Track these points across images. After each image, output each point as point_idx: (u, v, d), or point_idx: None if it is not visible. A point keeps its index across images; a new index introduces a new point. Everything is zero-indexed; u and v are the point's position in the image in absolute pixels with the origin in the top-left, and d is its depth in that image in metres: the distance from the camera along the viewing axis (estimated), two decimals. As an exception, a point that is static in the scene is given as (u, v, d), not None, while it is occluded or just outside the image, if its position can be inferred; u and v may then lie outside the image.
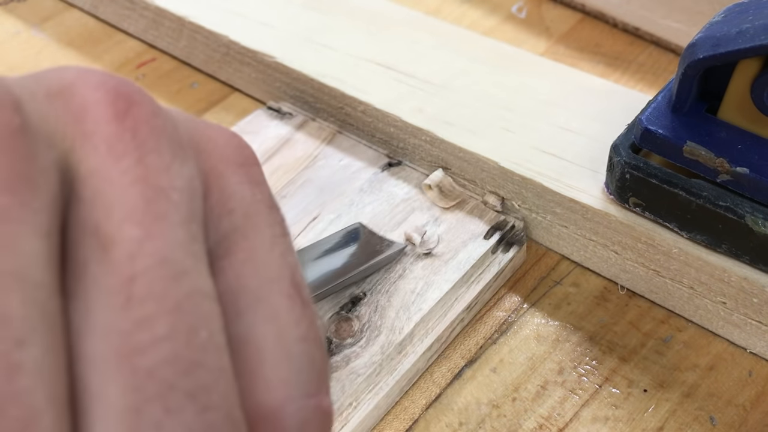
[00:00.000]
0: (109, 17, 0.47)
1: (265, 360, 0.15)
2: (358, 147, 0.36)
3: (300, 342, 0.15)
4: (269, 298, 0.15)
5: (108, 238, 0.13)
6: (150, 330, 0.13)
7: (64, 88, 0.14)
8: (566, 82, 0.35)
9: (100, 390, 0.13)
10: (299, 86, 0.37)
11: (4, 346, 0.11)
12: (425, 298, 0.29)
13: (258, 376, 0.15)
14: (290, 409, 0.15)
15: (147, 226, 0.13)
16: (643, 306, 0.30)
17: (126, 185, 0.14)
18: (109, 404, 0.12)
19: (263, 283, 0.15)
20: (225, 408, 0.14)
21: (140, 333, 0.13)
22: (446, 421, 0.27)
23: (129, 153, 0.14)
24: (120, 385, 0.12)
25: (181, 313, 0.13)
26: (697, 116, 0.27)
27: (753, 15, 0.24)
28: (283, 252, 0.16)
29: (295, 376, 0.15)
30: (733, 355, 0.29)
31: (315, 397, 0.15)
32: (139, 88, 0.15)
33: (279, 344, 0.15)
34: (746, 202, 0.26)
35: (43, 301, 0.12)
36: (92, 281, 0.13)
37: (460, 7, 0.47)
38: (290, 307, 0.16)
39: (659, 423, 0.27)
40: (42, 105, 0.14)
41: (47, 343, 0.12)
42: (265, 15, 0.40)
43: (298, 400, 0.15)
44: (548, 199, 0.31)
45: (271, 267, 0.16)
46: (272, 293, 0.16)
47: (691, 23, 0.40)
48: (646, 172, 0.27)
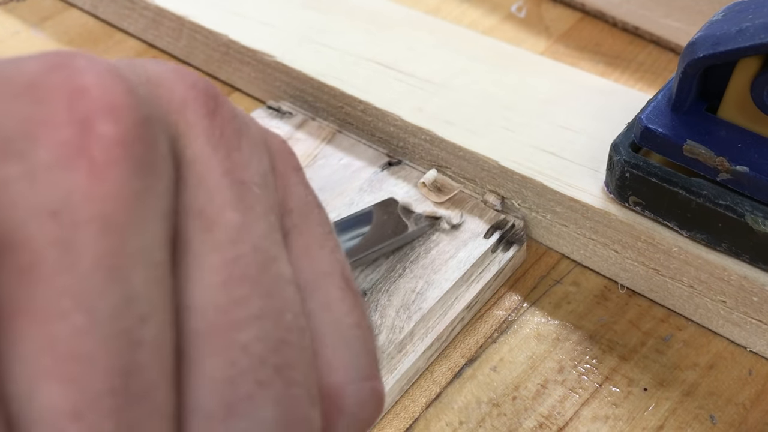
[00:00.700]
0: (109, 17, 0.47)
1: (326, 344, 0.16)
2: (358, 146, 0.36)
3: (354, 328, 0.17)
4: (324, 289, 0.17)
5: (211, 220, 0.14)
6: (246, 308, 0.14)
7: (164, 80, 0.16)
8: (566, 82, 0.35)
9: (199, 361, 0.14)
10: (299, 85, 0.37)
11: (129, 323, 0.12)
12: (425, 297, 0.29)
13: (321, 359, 0.16)
14: (350, 389, 0.16)
15: (243, 213, 0.15)
16: (643, 305, 0.30)
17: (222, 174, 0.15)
18: (207, 375, 0.14)
19: (318, 276, 0.17)
20: (306, 384, 0.15)
21: (237, 311, 0.14)
22: (446, 420, 0.27)
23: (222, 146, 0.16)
24: (217, 358, 0.14)
25: (271, 295, 0.15)
26: (697, 115, 0.27)
27: (753, 14, 0.24)
28: (332, 248, 0.18)
29: (354, 360, 0.16)
30: (733, 354, 0.29)
31: (371, 380, 0.17)
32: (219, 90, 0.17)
33: (336, 331, 0.16)
34: (746, 200, 0.26)
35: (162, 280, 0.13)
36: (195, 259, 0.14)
37: (459, 7, 0.47)
38: (343, 298, 0.17)
39: (659, 422, 0.27)
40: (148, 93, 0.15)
41: (163, 320, 0.13)
42: (264, 14, 0.40)
43: (357, 382, 0.16)
44: (548, 198, 0.31)
45: (324, 262, 0.17)
46: (327, 285, 0.17)
47: (691, 22, 0.40)
48: (646, 171, 0.27)
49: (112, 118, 0.13)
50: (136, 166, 0.13)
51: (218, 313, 0.14)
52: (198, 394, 0.13)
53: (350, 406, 0.16)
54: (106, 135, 0.13)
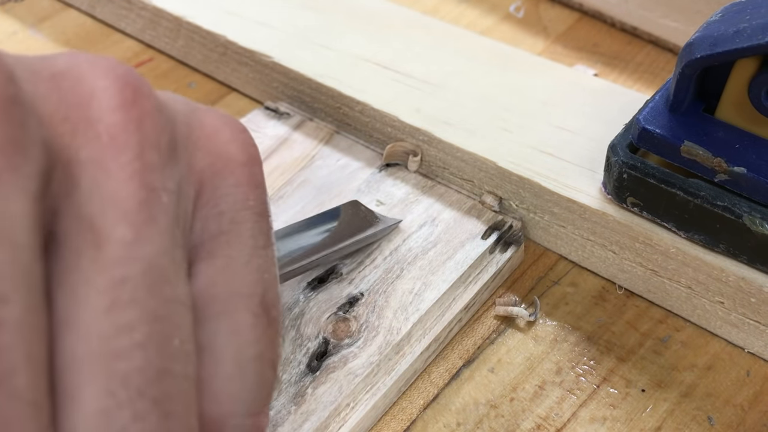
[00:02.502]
0: (107, 17, 0.47)
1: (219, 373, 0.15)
2: (356, 147, 0.36)
3: (255, 361, 0.16)
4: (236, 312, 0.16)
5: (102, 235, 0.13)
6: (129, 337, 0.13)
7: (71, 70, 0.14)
8: (564, 82, 0.35)
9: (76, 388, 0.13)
10: (297, 86, 0.37)
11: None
12: (423, 299, 0.29)
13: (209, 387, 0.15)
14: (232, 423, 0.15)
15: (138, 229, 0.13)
16: (641, 306, 0.30)
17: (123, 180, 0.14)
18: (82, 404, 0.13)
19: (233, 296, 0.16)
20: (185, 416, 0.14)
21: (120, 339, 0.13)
22: (444, 422, 0.27)
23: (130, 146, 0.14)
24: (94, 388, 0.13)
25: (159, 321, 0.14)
26: (695, 116, 0.27)
27: (750, 14, 0.24)
28: (260, 266, 0.16)
29: (244, 394, 0.15)
30: (731, 355, 0.29)
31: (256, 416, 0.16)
32: (145, 80, 0.15)
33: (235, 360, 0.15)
34: (744, 201, 0.26)
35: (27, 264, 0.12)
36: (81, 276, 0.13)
37: (457, 7, 0.47)
38: (254, 325, 0.16)
39: (657, 423, 0.27)
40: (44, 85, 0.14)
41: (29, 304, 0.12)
42: (262, 15, 0.40)
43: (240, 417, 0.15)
44: (546, 199, 0.31)
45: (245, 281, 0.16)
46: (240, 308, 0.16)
47: (689, 23, 0.40)
48: (643, 172, 0.27)
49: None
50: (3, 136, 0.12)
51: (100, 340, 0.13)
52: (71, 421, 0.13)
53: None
54: None
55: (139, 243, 0.14)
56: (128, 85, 0.14)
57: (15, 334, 0.12)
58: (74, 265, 0.13)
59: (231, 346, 0.15)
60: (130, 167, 0.14)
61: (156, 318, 0.14)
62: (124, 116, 0.14)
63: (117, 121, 0.14)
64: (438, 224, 0.32)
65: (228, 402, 0.15)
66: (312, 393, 0.26)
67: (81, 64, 0.15)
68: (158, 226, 0.14)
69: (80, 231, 0.13)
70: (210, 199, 0.16)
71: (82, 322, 0.13)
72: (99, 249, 0.13)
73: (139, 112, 0.14)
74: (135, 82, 0.15)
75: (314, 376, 0.27)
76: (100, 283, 0.13)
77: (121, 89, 0.14)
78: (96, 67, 0.14)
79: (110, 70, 0.14)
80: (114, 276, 0.13)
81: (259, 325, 0.16)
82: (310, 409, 0.26)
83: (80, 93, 0.14)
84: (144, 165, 0.14)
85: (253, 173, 0.17)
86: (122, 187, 0.14)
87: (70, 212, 0.13)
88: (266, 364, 0.16)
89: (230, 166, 0.16)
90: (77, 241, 0.13)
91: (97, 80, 0.14)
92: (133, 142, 0.14)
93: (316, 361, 0.27)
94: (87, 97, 0.14)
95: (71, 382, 0.13)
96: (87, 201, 0.13)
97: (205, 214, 0.16)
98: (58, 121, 0.14)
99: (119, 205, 0.13)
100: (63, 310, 0.13)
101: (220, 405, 0.15)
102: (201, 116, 0.17)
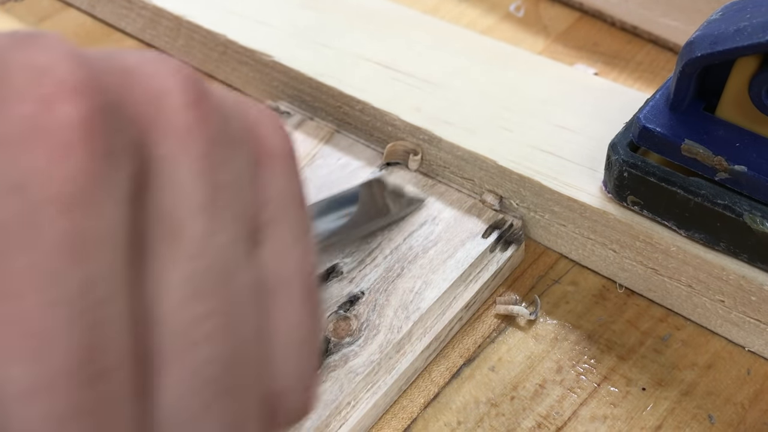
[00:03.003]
0: (107, 17, 0.47)
1: (278, 352, 0.16)
2: (357, 146, 0.36)
3: (306, 338, 0.17)
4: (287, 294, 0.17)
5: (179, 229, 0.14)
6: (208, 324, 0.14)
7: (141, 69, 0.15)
8: (564, 81, 0.35)
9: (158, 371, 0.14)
10: (297, 85, 0.37)
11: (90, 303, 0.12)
12: (423, 297, 0.29)
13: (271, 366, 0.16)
14: (293, 397, 0.17)
15: (211, 221, 0.14)
16: (641, 304, 0.30)
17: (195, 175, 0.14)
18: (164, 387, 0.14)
19: (283, 280, 0.17)
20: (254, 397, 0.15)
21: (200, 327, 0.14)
22: (445, 420, 0.27)
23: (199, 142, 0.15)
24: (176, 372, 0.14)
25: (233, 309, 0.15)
26: (695, 114, 0.27)
27: (751, 13, 0.24)
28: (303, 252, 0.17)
29: (301, 369, 0.17)
30: (732, 354, 0.29)
31: (311, 388, 0.17)
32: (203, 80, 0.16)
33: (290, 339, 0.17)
34: (744, 200, 0.26)
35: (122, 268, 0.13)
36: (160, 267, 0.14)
37: (458, 6, 0.47)
38: (302, 305, 0.17)
39: (658, 421, 0.27)
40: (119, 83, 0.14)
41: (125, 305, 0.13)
42: (262, 14, 0.40)
43: (300, 391, 0.17)
44: (546, 198, 0.31)
45: (292, 266, 0.17)
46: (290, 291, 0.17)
47: (689, 21, 0.40)
48: (644, 171, 0.27)
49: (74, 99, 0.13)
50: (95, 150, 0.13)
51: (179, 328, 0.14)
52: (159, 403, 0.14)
53: (291, 411, 0.17)
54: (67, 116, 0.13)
55: (211, 235, 0.14)
56: (194, 84, 0.15)
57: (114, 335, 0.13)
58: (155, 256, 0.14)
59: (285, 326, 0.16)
60: (200, 163, 0.15)
61: (230, 306, 0.15)
62: (193, 114, 0.15)
63: (188, 119, 0.15)
64: (438, 223, 0.32)
65: (289, 377, 0.16)
66: (313, 391, 0.26)
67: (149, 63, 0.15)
68: (224, 219, 0.15)
69: (160, 224, 0.14)
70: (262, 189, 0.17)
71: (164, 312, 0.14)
72: (176, 240, 0.14)
73: (206, 110, 0.15)
74: (199, 81, 0.15)
75: (315, 374, 0.27)
76: (179, 274, 0.14)
77: (189, 88, 0.15)
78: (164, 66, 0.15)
79: (177, 70, 0.15)
80: (191, 269, 0.14)
81: (307, 306, 0.17)
82: (311, 407, 0.26)
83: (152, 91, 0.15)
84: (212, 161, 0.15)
85: (293, 164, 0.18)
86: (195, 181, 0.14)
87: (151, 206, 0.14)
88: (313, 342, 0.17)
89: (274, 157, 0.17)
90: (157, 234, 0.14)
91: (167, 78, 0.15)
92: (202, 139, 0.15)
93: (317, 359, 0.27)
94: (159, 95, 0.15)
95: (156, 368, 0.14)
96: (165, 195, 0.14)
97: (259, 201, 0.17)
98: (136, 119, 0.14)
99: (193, 200, 0.14)
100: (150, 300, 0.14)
101: (281, 382, 0.16)
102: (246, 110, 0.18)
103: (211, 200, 0.15)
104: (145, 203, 0.14)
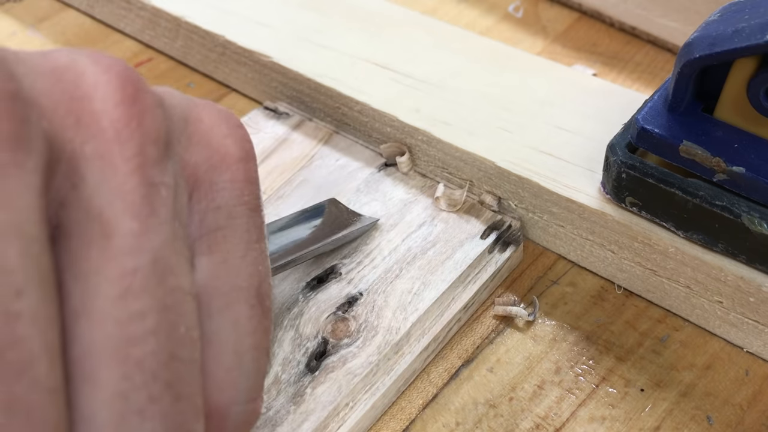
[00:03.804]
0: (106, 17, 0.47)
1: (221, 363, 0.16)
2: (355, 147, 0.36)
3: (253, 350, 0.17)
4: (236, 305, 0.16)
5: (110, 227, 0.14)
6: (143, 323, 0.14)
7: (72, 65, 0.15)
8: (563, 82, 0.35)
9: (94, 373, 0.13)
10: (296, 86, 0.37)
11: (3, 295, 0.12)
12: (422, 298, 0.29)
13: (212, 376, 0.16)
14: (235, 410, 0.16)
15: (143, 221, 0.14)
16: (640, 305, 0.30)
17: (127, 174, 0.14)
18: (100, 387, 0.13)
19: (232, 290, 0.16)
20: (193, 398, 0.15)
21: (134, 325, 0.14)
22: (443, 421, 0.27)
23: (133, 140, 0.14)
24: (112, 371, 0.13)
25: (167, 309, 0.14)
26: (694, 115, 0.27)
27: (749, 14, 0.24)
28: (255, 259, 0.17)
29: (244, 381, 0.16)
30: (730, 355, 0.29)
31: (254, 401, 0.17)
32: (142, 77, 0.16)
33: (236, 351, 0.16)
34: (743, 201, 0.26)
35: (38, 255, 0.13)
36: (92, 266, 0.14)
37: (456, 7, 0.47)
38: (251, 317, 0.17)
39: (656, 422, 0.27)
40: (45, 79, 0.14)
41: (42, 295, 0.13)
42: (261, 15, 0.40)
43: (242, 404, 0.16)
44: (545, 199, 0.31)
45: (242, 274, 0.17)
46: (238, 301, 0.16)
47: (688, 22, 0.40)
48: (642, 172, 0.27)
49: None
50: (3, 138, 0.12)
51: (115, 326, 0.14)
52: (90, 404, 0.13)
53: (232, 425, 0.16)
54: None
55: (145, 234, 0.14)
56: (129, 81, 0.15)
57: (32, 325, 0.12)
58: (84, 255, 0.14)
59: (231, 338, 0.16)
60: (133, 162, 0.14)
61: (165, 306, 0.14)
62: (126, 111, 0.14)
63: (120, 116, 0.14)
64: (437, 224, 0.32)
65: (230, 390, 0.16)
66: (311, 393, 0.26)
67: (81, 60, 0.15)
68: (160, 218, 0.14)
69: (89, 223, 0.14)
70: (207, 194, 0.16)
71: (96, 310, 0.14)
72: (108, 240, 0.14)
73: (141, 107, 0.15)
74: (134, 78, 0.15)
75: (313, 376, 0.27)
76: (111, 273, 0.14)
77: (123, 85, 0.15)
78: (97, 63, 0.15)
79: (110, 67, 0.15)
80: (125, 266, 0.14)
81: (255, 317, 0.17)
82: (309, 408, 0.26)
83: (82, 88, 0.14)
84: (145, 160, 0.14)
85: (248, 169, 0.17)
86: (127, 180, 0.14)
87: (78, 205, 0.14)
88: (262, 352, 0.17)
89: (226, 161, 0.17)
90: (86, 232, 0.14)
91: (98, 75, 0.15)
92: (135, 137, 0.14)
93: (315, 360, 0.27)
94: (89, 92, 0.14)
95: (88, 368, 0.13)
96: (94, 194, 0.14)
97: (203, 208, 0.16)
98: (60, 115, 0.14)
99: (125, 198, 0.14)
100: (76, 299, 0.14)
101: (223, 393, 0.16)
102: (199, 111, 0.17)
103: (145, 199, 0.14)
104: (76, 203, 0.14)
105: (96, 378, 0.13)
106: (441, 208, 0.32)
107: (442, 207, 0.32)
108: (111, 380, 0.13)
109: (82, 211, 0.14)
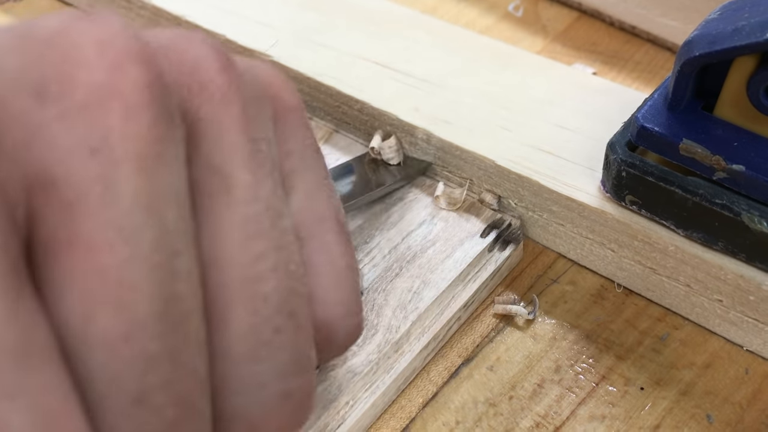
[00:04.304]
0: (106, 16, 0.47)
1: (322, 285, 0.18)
2: (355, 146, 0.36)
3: (346, 270, 0.18)
4: (322, 233, 0.18)
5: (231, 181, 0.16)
6: (264, 263, 0.16)
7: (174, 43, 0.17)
8: (563, 81, 0.35)
9: (226, 311, 0.15)
10: (296, 85, 0.37)
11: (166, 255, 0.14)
12: (422, 297, 0.29)
13: (317, 298, 0.18)
14: (341, 324, 0.18)
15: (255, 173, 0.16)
16: (639, 304, 0.30)
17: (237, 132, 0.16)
18: (233, 324, 0.15)
19: (316, 221, 0.18)
20: (308, 326, 0.17)
21: (258, 265, 0.15)
22: (443, 420, 0.27)
23: (235, 103, 0.16)
24: (243, 308, 0.15)
25: (281, 248, 0.16)
26: (694, 114, 0.27)
27: (749, 12, 0.24)
28: (329, 194, 0.19)
29: (345, 298, 0.18)
30: (730, 353, 0.29)
31: (357, 315, 0.19)
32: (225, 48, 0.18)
33: (332, 272, 0.18)
34: (742, 199, 0.26)
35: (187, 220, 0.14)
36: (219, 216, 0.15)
37: (456, 6, 0.47)
38: (338, 242, 0.18)
39: (656, 421, 0.27)
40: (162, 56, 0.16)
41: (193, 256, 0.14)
42: (261, 14, 0.40)
43: (346, 317, 0.18)
44: (545, 198, 0.31)
45: (321, 206, 0.19)
46: (324, 229, 0.18)
47: (688, 21, 0.40)
48: (642, 170, 0.27)
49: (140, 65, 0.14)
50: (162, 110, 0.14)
51: (242, 267, 0.15)
52: (226, 340, 0.15)
53: (340, 338, 0.18)
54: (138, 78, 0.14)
55: (258, 185, 0.16)
56: (221, 52, 0.17)
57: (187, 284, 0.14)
58: (210, 207, 0.15)
59: (327, 261, 0.18)
60: (239, 121, 0.16)
61: (279, 246, 0.16)
62: (227, 78, 0.16)
63: (223, 83, 0.16)
64: (437, 222, 0.32)
65: (336, 306, 0.18)
66: (311, 391, 0.26)
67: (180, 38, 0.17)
68: (266, 170, 0.16)
69: (212, 178, 0.15)
70: (282, 141, 0.18)
71: (225, 256, 0.15)
72: (229, 190, 0.15)
73: (235, 73, 0.17)
74: (224, 50, 0.17)
75: (313, 374, 0.27)
76: (236, 220, 0.15)
77: (218, 56, 0.17)
78: (192, 40, 0.17)
79: (204, 42, 0.17)
80: (247, 213, 0.16)
81: (342, 242, 0.19)
82: (309, 407, 0.26)
83: (188, 62, 0.16)
84: (247, 119, 0.16)
85: (304, 116, 0.20)
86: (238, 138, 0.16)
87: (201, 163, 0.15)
88: (354, 271, 0.19)
89: (289, 112, 0.19)
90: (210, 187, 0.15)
91: (198, 50, 0.16)
92: (237, 100, 0.16)
93: (315, 359, 0.27)
94: (194, 65, 0.16)
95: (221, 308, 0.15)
96: (213, 152, 0.16)
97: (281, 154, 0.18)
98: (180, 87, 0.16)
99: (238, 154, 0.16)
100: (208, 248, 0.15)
101: (328, 311, 0.18)
102: (257, 71, 0.19)
103: (253, 155, 0.16)
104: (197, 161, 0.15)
105: (229, 317, 0.15)
106: (441, 207, 0.32)
107: (442, 205, 0.32)
108: (243, 316, 0.15)
109: (205, 168, 0.15)
